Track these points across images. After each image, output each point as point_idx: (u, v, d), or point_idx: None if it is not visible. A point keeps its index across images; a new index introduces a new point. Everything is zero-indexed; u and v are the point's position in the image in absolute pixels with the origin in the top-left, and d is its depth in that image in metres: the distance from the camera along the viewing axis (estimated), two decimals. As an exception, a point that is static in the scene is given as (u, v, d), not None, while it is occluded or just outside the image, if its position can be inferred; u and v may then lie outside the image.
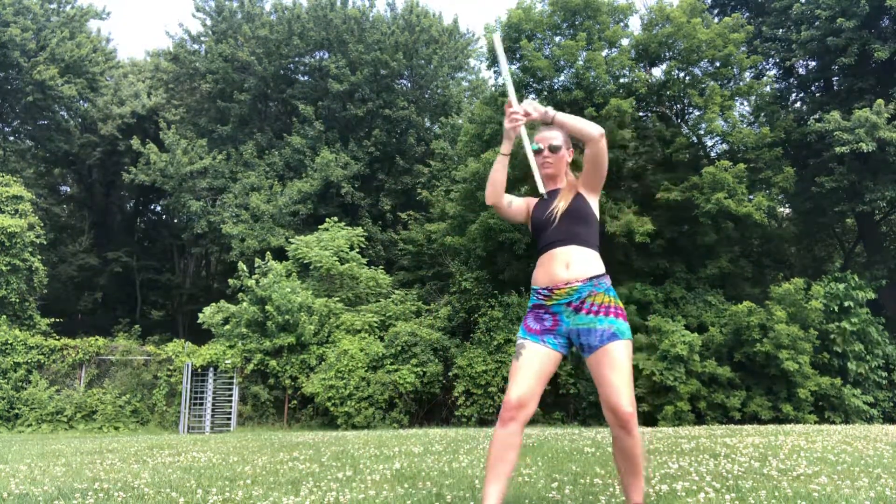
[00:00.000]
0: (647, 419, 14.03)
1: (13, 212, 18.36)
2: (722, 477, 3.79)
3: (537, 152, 3.00)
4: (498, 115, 17.45)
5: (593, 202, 3.01)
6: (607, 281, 2.88)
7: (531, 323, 2.86)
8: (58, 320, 19.02)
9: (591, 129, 2.88)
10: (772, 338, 13.68)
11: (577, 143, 3.02)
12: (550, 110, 2.93)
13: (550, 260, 2.88)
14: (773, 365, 13.83)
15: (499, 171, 2.97)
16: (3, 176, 19.42)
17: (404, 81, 25.54)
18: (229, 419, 16.03)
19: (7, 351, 16.30)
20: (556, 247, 2.88)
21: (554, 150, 3.01)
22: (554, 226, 2.91)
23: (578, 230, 2.90)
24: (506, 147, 2.95)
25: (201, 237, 24.66)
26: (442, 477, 4.12)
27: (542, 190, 3.02)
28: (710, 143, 18.51)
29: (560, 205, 2.94)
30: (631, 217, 14.87)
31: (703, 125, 16.62)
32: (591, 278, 2.82)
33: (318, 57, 25.44)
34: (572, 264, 2.84)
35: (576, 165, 3.17)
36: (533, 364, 2.76)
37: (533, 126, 3.02)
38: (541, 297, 2.86)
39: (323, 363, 15.73)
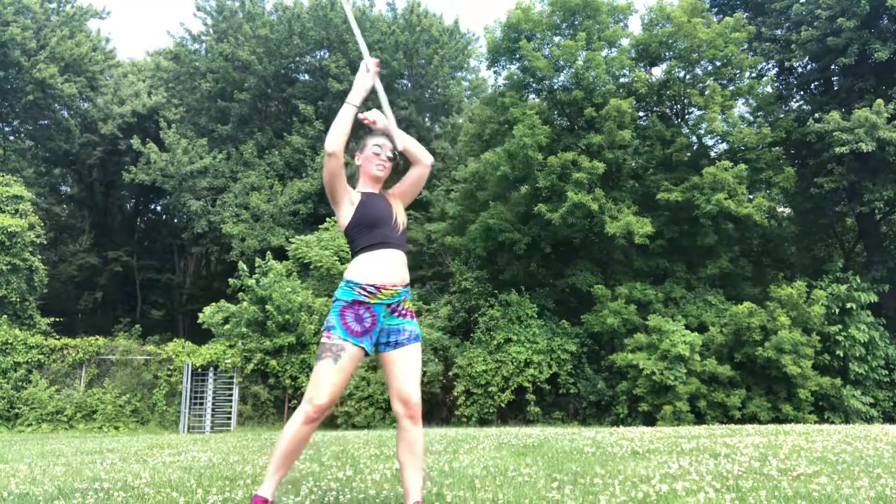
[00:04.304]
0: (647, 419, 14.02)
1: (13, 211, 18.36)
2: (722, 477, 3.79)
3: (377, 154, 3.10)
4: (497, 115, 17.46)
5: None
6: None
7: (352, 323, 2.86)
8: (58, 320, 19.02)
9: (427, 157, 3.13)
10: (774, 342, 13.68)
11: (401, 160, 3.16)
12: (394, 126, 3.07)
13: (383, 259, 2.95)
14: (773, 366, 13.84)
15: (347, 121, 2.99)
16: (3, 175, 19.42)
17: (405, 81, 25.53)
18: (229, 419, 16.03)
19: (7, 350, 16.30)
20: (392, 248, 2.98)
21: (392, 158, 3.14)
22: (393, 227, 3.02)
23: (405, 240, 3.08)
24: (357, 97, 3.03)
25: (201, 237, 24.65)
26: (442, 476, 4.12)
27: (399, 146, 3.07)
28: (710, 143, 18.52)
29: (399, 211, 3.07)
30: (631, 218, 14.88)
31: (704, 125, 16.63)
32: (407, 285, 3.01)
33: (318, 56, 25.44)
34: (400, 269, 2.99)
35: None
36: (348, 368, 2.84)
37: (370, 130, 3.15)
38: (364, 293, 2.89)
39: (323, 363, 15.71)
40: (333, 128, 2.96)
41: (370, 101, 3.23)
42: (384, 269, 2.92)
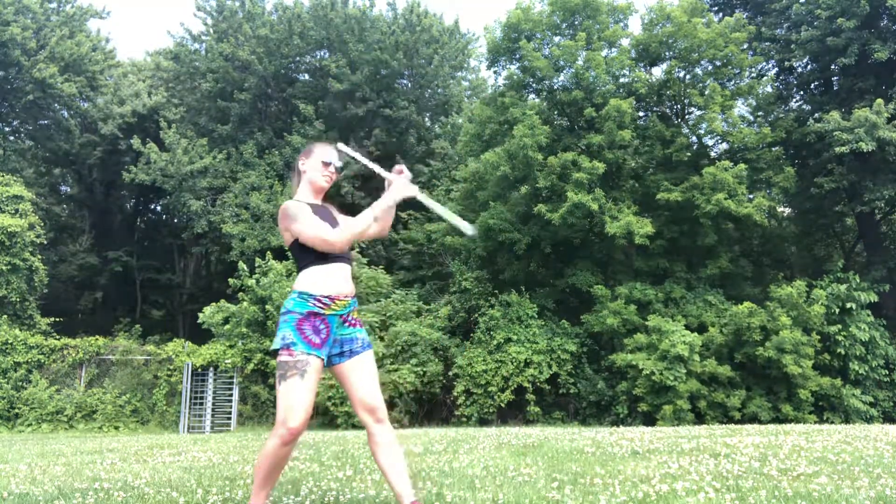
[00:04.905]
0: (647, 419, 14.02)
1: (13, 211, 18.36)
2: (722, 477, 3.79)
3: (326, 164, 3.12)
4: (497, 115, 17.46)
5: None
6: None
7: (311, 335, 2.86)
8: (58, 320, 19.00)
9: (386, 232, 3.23)
10: (775, 342, 13.67)
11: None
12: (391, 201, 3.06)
13: (335, 272, 2.97)
14: (774, 366, 13.83)
15: (365, 227, 3.02)
16: (3, 175, 19.42)
17: (404, 81, 25.52)
18: (229, 419, 16.03)
19: (7, 350, 16.30)
20: (342, 262, 3.01)
21: (339, 170, 3.18)
22: None
23: (349, 254, 3.10)
24: (380, 210, 3.06)
25: (201, 237, 24.65)
26: (442, 476, 4.12)
27: (469, 231, 3.17)
28: (710, 143, 18.52)
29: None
30: (631, 218, 14.87)
31: (704, 125, 16.62)
32: (355, 296, 3.08)
33: (318, 56, 25.44)
34: (349, 281, 3.02)
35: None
36: (314, 382, 2.84)
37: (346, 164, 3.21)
38: (319, 304, 2.90)
39: (323, 363, 15.71)
40: (354, 231, 2.96)
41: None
42: (336, 280, 2.94)
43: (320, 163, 3.10)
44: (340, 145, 3.19)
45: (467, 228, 3.17)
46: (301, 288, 2.93)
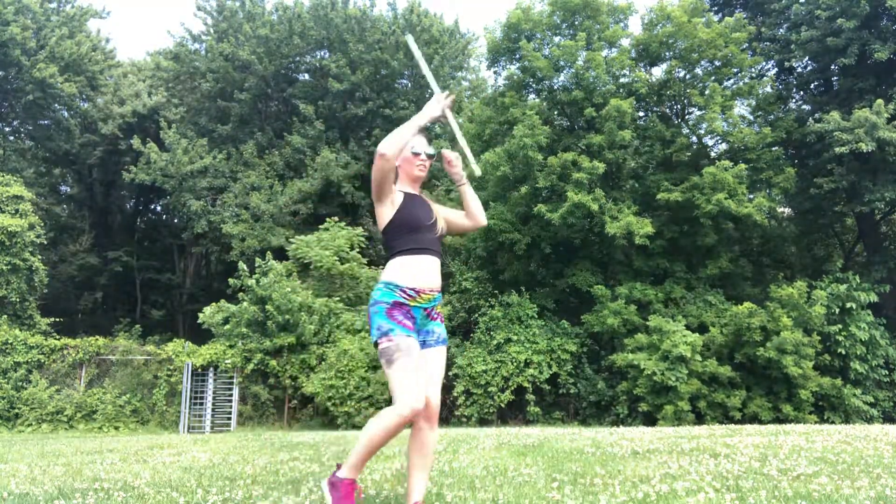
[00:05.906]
0: (647, 419, 14.02)
1: (13, 211, 18.36)
2: (722, 477, 3.79)
3: (417, 154, 3.14)
4: (497, 115, 17.46)
5: None
6: None
7: (404, 319, 2.87)
8: (58, 320, 19.00)
9: (483, 219, 3.28)
10: (776, 342, 13.66)
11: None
12: (464, 178, 3.21)
13: (422, 264, 2.98)
14: (774, 367, 13.82)
15: (408, 134, 2.95)
16: (3, 175, 19.42)
17: (405, 81, 25.53)
18: (229, 419, 16.03)
19: (7, 350, 16.30)
20: (430, 255, 3.02)
21: (431, 157, 3.17)
22: (433, 234, 3.06)
23: (440, 247, 3.12)
24: (423, 120, 3.01)
25: (201, 237, 24.66)
26: (442, 476, 4.12)
27: (476, 171, 3.23)
28: (710, 143, 18.51)
29: (440, 218, 3.14)
30: (631, 218, 14.87)
31: (704, 125, 16.62)
32: (440, 291, 3.08)
33: (318, 56, 25.45)
34: (436, 275, 3.03)
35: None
36: (419, 361, 2.84)
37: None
38: (405, 296, 2.91)
39: (323, 363, 15.74)
40: (394, 135, 2.91)
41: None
42: (424, 274, 2.95)
43: (411, 154, 3.12)
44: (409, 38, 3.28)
45: (476, 168, 3.23)
46: (388, 278, 2.94)
